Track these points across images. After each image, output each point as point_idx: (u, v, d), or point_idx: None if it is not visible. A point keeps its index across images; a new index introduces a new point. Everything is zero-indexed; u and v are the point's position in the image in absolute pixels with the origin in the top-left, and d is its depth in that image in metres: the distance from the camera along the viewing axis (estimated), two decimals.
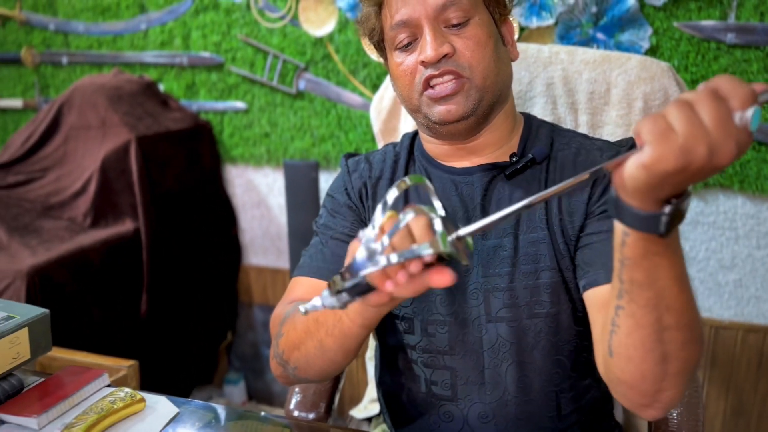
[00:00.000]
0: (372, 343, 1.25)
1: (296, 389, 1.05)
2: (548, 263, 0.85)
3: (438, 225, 0.58)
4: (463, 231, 0.58)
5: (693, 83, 1.58)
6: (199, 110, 2.07)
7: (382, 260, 0.56)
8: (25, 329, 0.82)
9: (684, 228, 1.69)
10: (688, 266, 1.64)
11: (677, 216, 0.55)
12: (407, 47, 0.85)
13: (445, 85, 0.82)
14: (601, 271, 0.78)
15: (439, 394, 0.89)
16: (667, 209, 0.54)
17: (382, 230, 0.58)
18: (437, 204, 0.60)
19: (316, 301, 0.62)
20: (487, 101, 0.85)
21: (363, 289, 0.60)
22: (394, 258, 0.56)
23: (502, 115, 0.89)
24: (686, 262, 0.63)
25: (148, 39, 2.07)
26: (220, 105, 2.04)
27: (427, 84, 0.83)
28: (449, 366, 0.88)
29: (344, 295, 0.61)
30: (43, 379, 0.84)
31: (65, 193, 1.82)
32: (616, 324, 0.65)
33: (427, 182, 0.62)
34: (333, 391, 1.07)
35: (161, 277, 1.83)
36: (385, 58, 0.91)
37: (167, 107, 2.00)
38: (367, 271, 0.57)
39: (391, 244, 0.57)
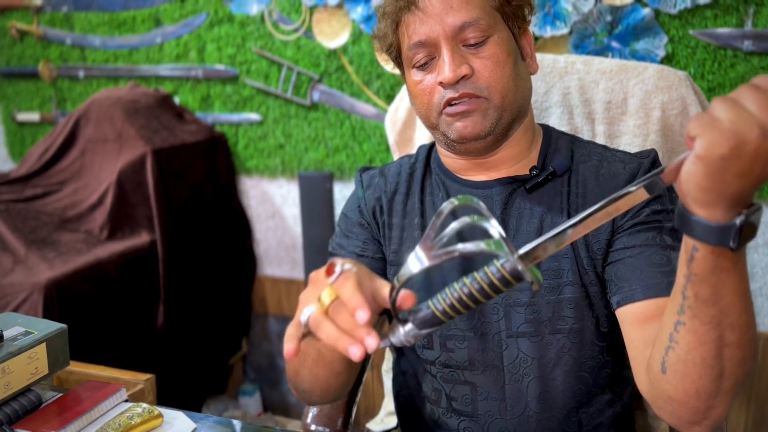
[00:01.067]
0: (388, 355, 1.24)
1: None
2: (571, 278, 0.84)
3: (498, 246, 0.56)
4: (524, 249, 0.57)
5: (710, 91, 1.56)
6: (214, 122, 2.08)
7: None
8: (43, 345, 0.82)
9: None
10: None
11: (748, 229, 0.54)
12: (425, 66, 0.84)
13: (463, 105, 0.82)
14: (637, 287, 0.78)
15: (458, 410, 0.88)
16: (738, 220, 0.53)
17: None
18: (494, 224, 0.58)
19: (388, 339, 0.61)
20: (506, 119, 0.84)
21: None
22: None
23: (521, 129, 0.89)
24: None
25: (163, 52, 2.09)
26: (235, 117, 2.05)
27: (447, 105, 0.83)
28: (469, 381, 0.87)
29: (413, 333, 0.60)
30: (61, 395, 0.84)
31: (82, 205, 1.83)
32: (675, 340, 0.64)
33: (478, 202, 0.60)
34: (350, 404, 1.06)
35: (177, 289, 1.84)
36: (403, 73, 0.91)
37: (183, 120, 2.02)
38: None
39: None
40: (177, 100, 2.11)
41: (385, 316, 0.88)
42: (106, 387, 0.84)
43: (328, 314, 0.58)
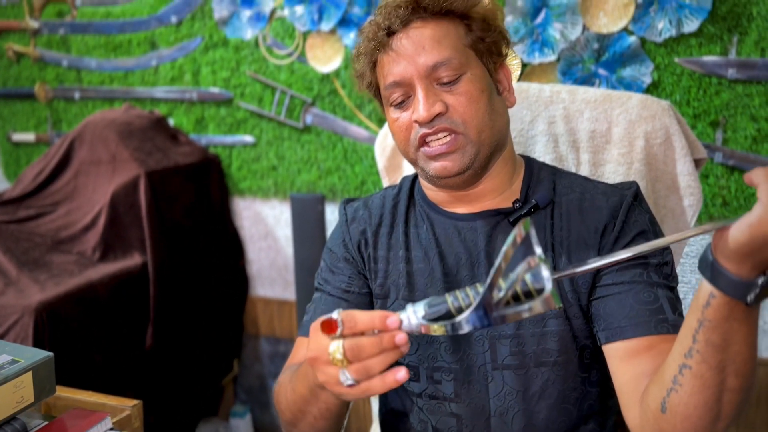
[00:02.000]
0: None
1: None
2: (555, 311, 0.85)
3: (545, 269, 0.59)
4: (559, 274, 0.61)
5: (695, 117, 1.59)
6: (208, 144, 2.10)
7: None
8: (29, 373, 0.83)
9: (690, 260, 1.68)
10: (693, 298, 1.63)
11: (766, 289, 0.57)
12: (401, 104, 0.86)
13: (439, 142, 0.83)
14: (627, 324, 0.79)
15: None
16: (761, 280, 0.57)
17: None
18: (538, 249, 0.60)
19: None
20: (484, 153, 0.86)
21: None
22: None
23: (501, 161, 0.90)
24: (693, 294, 0.64)
25: (158, 75, 2.12)
26: (229, 139, 2.07)
27: (423, 141, 0.84)
28: (455, 413, 0.88)
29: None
30: (46, 423, 0.84)
31: (75, 227, 1.84)
32: (679, 383, 0.66)
33: (532, 228, 0.61)
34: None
35: (168, 310, 1.84)
36: (382, 107, 0.93)
37: (177, 141, 2.04)
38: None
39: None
40: (172, 122, 2.13)
41: None
42: (91, 415, 0.85)
43: (351, 362, 0.61)
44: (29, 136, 2.40)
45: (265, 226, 2.13)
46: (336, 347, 0.62)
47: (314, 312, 0.92)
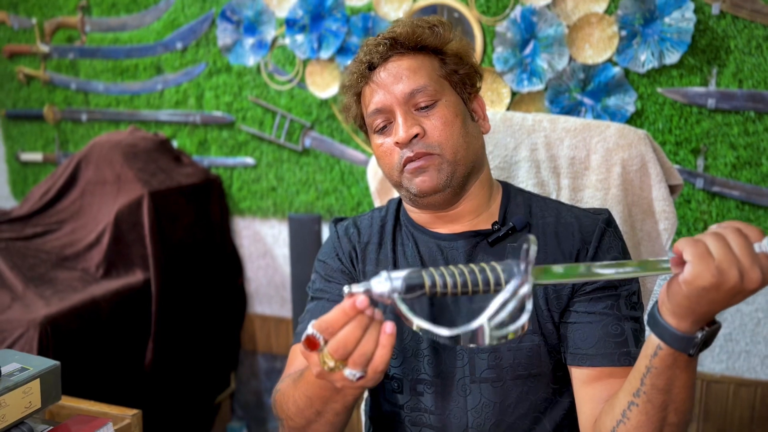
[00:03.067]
0: (363, 404, 1.29)
1: None
2: (531, 327, 0.90)
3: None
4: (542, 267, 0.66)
5: (677, 145, 1.65)
6: (210, 165, 2.17)
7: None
8: (38, 380, 0.88)
9: None
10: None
11: (707, 342, 0.66)
12: (384, 130, 0.93)
13: (419, 162, 0.90)
14: (594, 354, 0.86)
15: None
16: (700, 334, 0.65)
17: None
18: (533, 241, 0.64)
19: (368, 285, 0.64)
20: (461, 173, 0.92)
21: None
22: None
23: (478, 184, 0.97)
24: None
25: (163, 98, 2.20)
26: (230, 160, 2.14)
27: (406, 162, 0.91)
28: (434, 425, 0.93)
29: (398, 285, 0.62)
30: (51, 428, 0.90)
31: (80, 244, 1.90)
32: (627, 417, 0.74)
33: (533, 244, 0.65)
34: None
35: (169, 326, 1.90)
36: (368, 138, 1.00)
37: (180, 162, 2.11)
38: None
39: None
40: (175, 143, 2.21)
41: None
42: (94, 421, 0.90)
43: (346, 360, 0.65)
44: (37, 156, 2.48)
45: (264, 245, 2.19)
46: (323, 357, 0.65)
47: (310, 320, 0.96)
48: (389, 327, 0.65)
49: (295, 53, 1.97)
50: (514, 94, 1.75)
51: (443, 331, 0.62)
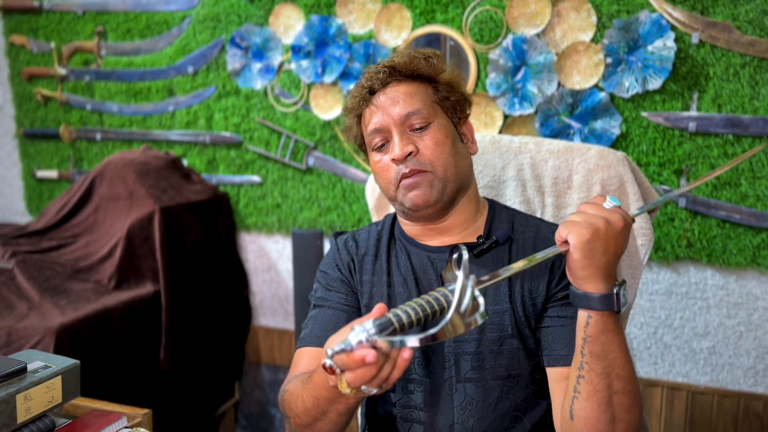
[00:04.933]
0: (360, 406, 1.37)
1: None
2: (510, 332, 0.99)
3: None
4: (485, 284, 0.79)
5: (661, 166, 1.74)
6: (218, 183, 2.27)
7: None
8: (59, 377, 0.97)
9: (659, 297, 1.81)
10: (666, 333, 1.77)
11: (622, 297, 0.79)
12: (381, 148, 1.03)
13: (413, 177, 0.99)
14: (567, 354, 0.95)
15: None
16: (615, 289, 0.79)
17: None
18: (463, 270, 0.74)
19: (347, 342, 0.70)
20: (450, 189, 1.01)
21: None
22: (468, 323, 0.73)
23: (466, 199, 1.06)
24: (663, 329, 0.82)
25: (174, 119, 2.31)
26: (238, 178, 2.24)
27: (402, 178, 1.00)
28: (423, 421, 1.01)
29: (372, 331, 0.70)
30: (70, 421, 0.98)
31: (93, 257, 2.00)
32: (578, 391, 0.83)
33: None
34: None
35: (177, 336, 1.98)
36: (367, 157, 1.09)
37: (190, 180, 2.21)
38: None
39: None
40: (185, 162, 2.31)
41: None
42: (109, 415, 0.99)
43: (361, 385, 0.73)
44: (52, 173, 2.58)
45: (269, 259, 2.28)
46: (341, 383, 0.73)
47: (313, 326, 1.05)
48: (407, 354, 0.71)
49: (300, 77, 2.08)
50: (506, 117, 1.85)
51: (418, 337, 0.69)
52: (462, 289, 0.72)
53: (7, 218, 2.74)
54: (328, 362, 0.72)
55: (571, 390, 0.84)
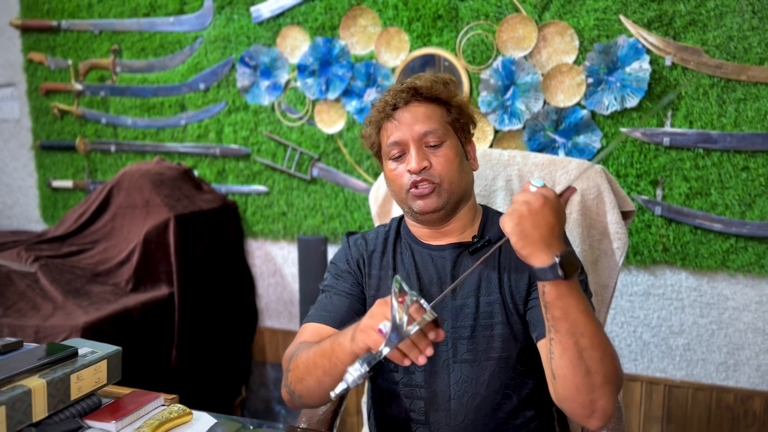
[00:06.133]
0: (367, 385, 1.51)
1: None
2: (500, 319, 1.13)
3: (424, 303, 0.87)
4: (434, 302, 0.90)
5: (638, 177, 1.90)
6: (227, 192, 2.42)
7: (407, 332, 0.85)
8: (105, 361, 1.11)
9: (638, 298, 1.96)
10: (644, 331, 1.92)
11: (569, 265, 0.89)
12: (398, 158, 1.17)
13: (423, 187, 1.14)
14: (542, 330, 1.07)
15: (415, 419, 1.15)
16: (556, 259, 0.89)
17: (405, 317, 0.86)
18: (413, 291, 0.89)
19: (346, 381, 0.87)
20: (454, 200, 1.16)
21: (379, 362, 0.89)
22: (412, 330, 0.85)
23: (466, 208, 1.21)
24: (642, 328, 0.86)
25: (186, 133, 2.45)
26: (246, 188, 2.39)
27: (413, 185, 1.15)
28: (424, 397, 1.15)
29: (365, 368, 0.88)
30: (114, 400, 1.12)
31: (111, 262, 2.13)
32: (553, 353, 0.95)
33: (402, 282, 0.90)
34: (336, 412, 1.33)
35: (189, 335, 2.12)
36: (381, 163, 1.23)
37: (201, 190, 2.35)
38: (390, 348, 0.85)
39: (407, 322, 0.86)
40: (196, 172, 2.46)
41: None
42: (147, 395, 1.12)
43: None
44: (67, 183, 2.72)
45: (274, 264, 2.43)
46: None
47: (319, 306, 1.19)
48: (430, 351, 0.88)
49: (305, 94, 2.24)
50: (496, 132, 2.01)
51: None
52: (392, 310, 0.87)
53: (23, 226, 2.88)
54: (384, 329, 0.88)
55: (547, 354, 0.97)
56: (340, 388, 0.88)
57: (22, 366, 1.00)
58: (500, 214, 1.25)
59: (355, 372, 0.87)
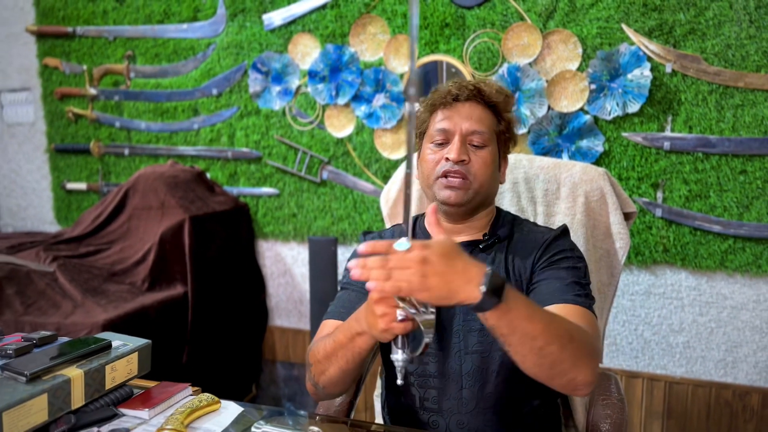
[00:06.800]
0: (379, 382, 1.57)
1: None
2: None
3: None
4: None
5: (639, 180, 1.96)
6: (239, 194, 2.48)
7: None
8: (136, 353, 1.17)
9: (639, 297, 2.03)
10: (645, 329, 1.98)
11: (497, 286, 0.87)
12: (440, 145, 1.23)
13: (455, 178, 1.19)
14: (548, 299, 1.12)
15: (429, 408, 1.22)
16: (483, 288, 0.86)
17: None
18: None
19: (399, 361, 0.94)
20: (477, 201, 1.22)
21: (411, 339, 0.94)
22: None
23: (484, 213, 1.27)
24: (643, 326, 0.85)
25: (199, 136, 2.52)
26: (257, 190, 2.45)
27: (445, 174, 1.20)
28: (436, 387, 1.21)
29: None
30: (144, 390, 1.18)
31: (128, 262, 2.20)
32: (515, 360, 0.99)
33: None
34: (351, 403, 1.39)
35: (201, 333, 2.18)
36: (421, 143, 1.29)
37: (213, 192, 2.42)
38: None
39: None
40: (209, 175, 2.52)
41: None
42: (176, 385, 1.18)
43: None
44: (81, 185, 2.78)
45: (284, 265, 2.49)
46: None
47: (337, 303, 1.25)
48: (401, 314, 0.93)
49: (315, 99, 2.30)
50: None
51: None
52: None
53: (37, 227, 2.94)
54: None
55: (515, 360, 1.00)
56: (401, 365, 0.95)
57: (60, 357, 1.06)
58: (510, 215, 1.32)
59: (401, 357, 0.94)
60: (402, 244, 0.85)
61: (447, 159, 1.18)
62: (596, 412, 1.32)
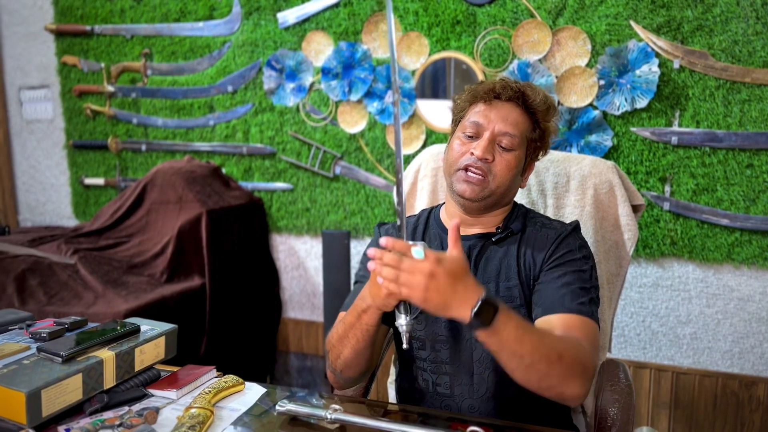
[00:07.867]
0: (392, 369, 1.62)
1: None
2: (519, 301, 1.23)
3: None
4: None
5: (647, 174, 2.00)
6: (253, 189, 2.53)
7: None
8: (163, 337, 1.22)
9: (647, 289, 2.07)
10: (653, 321, 2.02)
11: (487, 312, 0.92)
12: (469, 137, 1.25)
13: (474, 174, 1.22)
14: (540, 309, 1.17)
15: (441, 393, 1.26)
16: (473, 312, 0.92)
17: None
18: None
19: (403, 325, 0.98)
20: (492, 200, 1.25)
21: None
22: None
23: (499, 210, 1.30)
24: (651, 318, 0.86)
25: (215, 132, 2.57)
26: (271, 185, 2.50)
27: (466, 167, 1.23)
28: (448, 372, 1.25)
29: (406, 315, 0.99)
30: (171, 372, 1.23)
31: (146, 254, 2.25)
32: (510, 374, 1.02)
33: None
34: (367, 387, 1.44)
35: (218, 324, 2.23)
36: (454, 129, 1.32)
37: (229, 187, 2.47)
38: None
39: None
40: (224, 170, 2.57)
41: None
42: (201, 368, 1.24)
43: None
44: (99, 181, 2.85)
45: (298, 258, 2.54)
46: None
47: (352, 296, 1.29)
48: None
49: (328, 96, 2.35)
50: None
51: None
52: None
53: (55, 221, 3.00)
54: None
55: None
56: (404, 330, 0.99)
57: (92, 339, 1.12)
58: (524, 208, 1.34)
59: (405, 322, 0.99)
60: (419, 251, 0.92)
61: (472, 153, 1.21)
62: (605, 397, 1.36)
